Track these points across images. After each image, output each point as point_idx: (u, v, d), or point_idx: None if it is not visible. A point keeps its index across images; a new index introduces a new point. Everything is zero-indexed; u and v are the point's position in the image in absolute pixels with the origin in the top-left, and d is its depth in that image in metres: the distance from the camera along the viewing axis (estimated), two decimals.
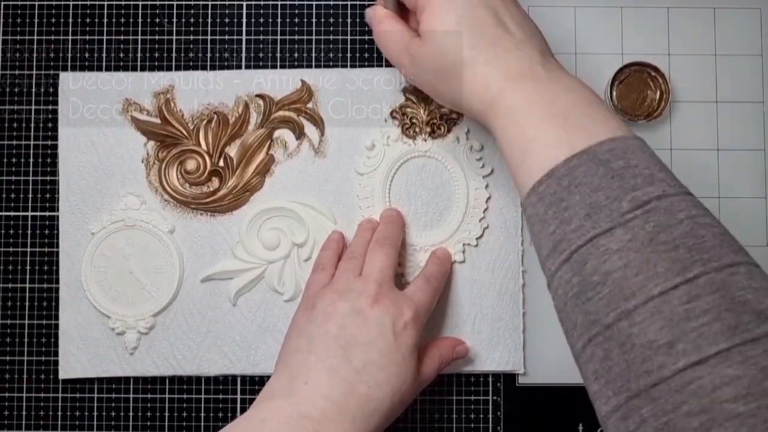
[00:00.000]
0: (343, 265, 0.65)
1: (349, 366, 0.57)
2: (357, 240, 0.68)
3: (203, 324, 0.70)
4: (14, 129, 0.71)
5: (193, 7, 0.72)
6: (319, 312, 0.60)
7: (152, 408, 0.70)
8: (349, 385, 0.56)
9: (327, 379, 0.56)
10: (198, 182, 0.70)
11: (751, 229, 0.71)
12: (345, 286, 0.61)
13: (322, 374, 0.57)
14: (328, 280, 0.64)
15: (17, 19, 0.72)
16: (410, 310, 0.61)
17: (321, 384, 0.56)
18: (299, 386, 0.56)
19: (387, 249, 0.65)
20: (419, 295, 0.63)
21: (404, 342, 0.59)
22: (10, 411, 0.70)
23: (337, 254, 0.67)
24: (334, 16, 0.72)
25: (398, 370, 0.58)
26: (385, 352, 0.58)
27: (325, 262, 0.66)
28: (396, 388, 0.58)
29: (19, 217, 0.71)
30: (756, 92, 0.71)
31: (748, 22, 0.71)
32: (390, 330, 0.59)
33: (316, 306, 0.61)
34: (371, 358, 0.58)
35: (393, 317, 0.59)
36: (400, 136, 0.70)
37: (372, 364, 0.57)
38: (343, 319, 0.59)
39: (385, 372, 0.58)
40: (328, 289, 0.62)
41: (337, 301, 0.60)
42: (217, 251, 0.70)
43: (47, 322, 0.70)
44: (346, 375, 0.57)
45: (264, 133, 0.70)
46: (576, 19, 0.72)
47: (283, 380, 0.58)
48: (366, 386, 0.57)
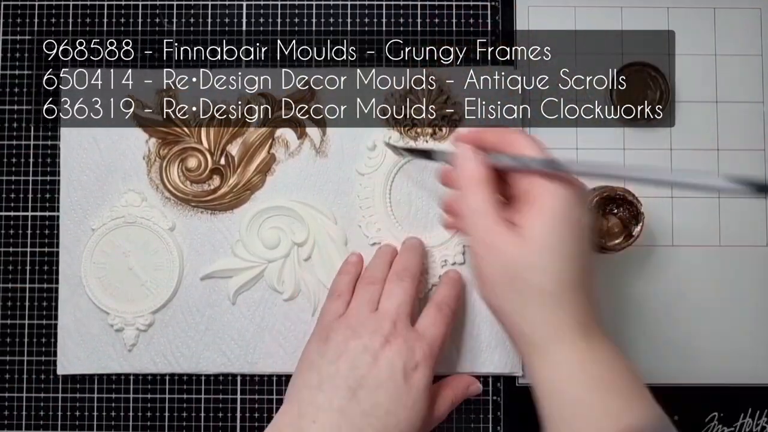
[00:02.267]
0: (359, 293, 0.64)
1: (358, 408, 0.56)
2: (376, 262, 0.67)
3: (202, 322, 0.70)
4: (14, 129, 0.72)
5: (193, 7, 0.72)
6: (332, 347, 0.59)
7: (152, 407, 0.70)
8: (356, 428, 0.56)
9: (335, 419, 0.56)
10: (199, 180, 0.70)
11: (751, 229, 0.71)
12: (359, 321, 0.61)
13: (331, 415, 0.56)
14: (344, 309, 0.63)
15: (17, 19, 0.72)
16: (422, 350, 0.60)
17: (329, 425, 0.56)
18: (307, 425, 0.56)
19: (406, 284, 0.63)
20: (431, 330, 0.62)
21: (415, 384, 0.58)
22: (10, 410, 0.70)
23: (354, 279, 0.66)
24: (334, 16, 0.72)
25: (408, 414, 0.57)
26: (394, 396, 0.57)
27: (342, 288, 0.65)
28: (405, 430, 0.57)
29: (19, 216, 0.71)
30: (756, 92, 0.71)
31: (748, 22, 0.71)
32: (401, 373, 0.58)
33: (329, 340, 0.60)
34: (379, 401, 0.57)
35: (405, 359, 0.58)
36: (402, 136, 0.70)
37: (380, 408, 0.57)
38: (354, 358, 0.58)
39: (393, 416, 0.57)
40: (343, 323, 0.61)
41: (350, 338, 0.59)
42: (217, 249, 0.70)
43: (47, 321, 0.70)
44: (353, 417, 0.56)
45: (265, 132, 0.70)
46: (576, 19, 0.72)
47: (292, 416, 0.57)
48: (373, 429, 0.56)
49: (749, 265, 0.71)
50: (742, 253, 0.71)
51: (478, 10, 0.72)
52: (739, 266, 0.71)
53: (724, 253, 0.71)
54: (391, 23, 0.72)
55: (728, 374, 0.70)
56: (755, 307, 0.70)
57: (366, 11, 0.72)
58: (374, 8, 0.72)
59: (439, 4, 0.72)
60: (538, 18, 0.72)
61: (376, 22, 0.72)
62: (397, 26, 0.72)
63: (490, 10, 0.72)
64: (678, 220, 0.70)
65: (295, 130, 0.70)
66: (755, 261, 0.71)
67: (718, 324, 0.70)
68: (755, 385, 0.70)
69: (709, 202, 0.70)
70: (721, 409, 0.70)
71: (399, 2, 0.72)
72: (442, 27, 0.72)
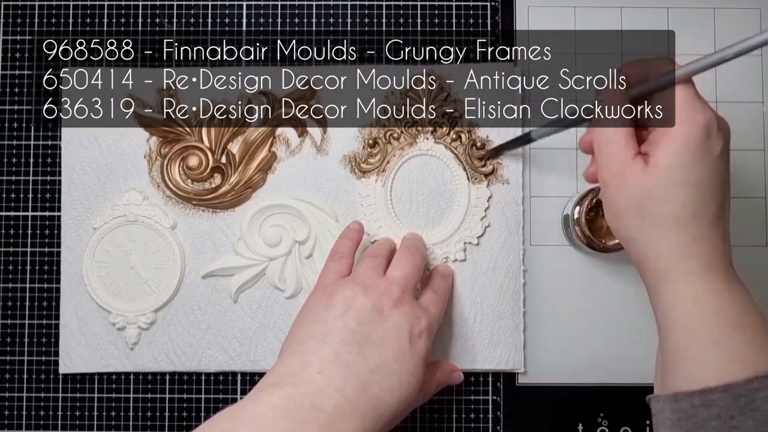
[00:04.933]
0: (365, 260, 0.64)
1: (364, 364, 0.56)
2: (381, 242, 0.68)
3: (204, 320, 0.70)
4: (14, 129, 0.71)
5: (193, 7, 0.72)
6: (338, 302, 0.59)
7: (152, 407, 0.70)
8: (362, 384, 0.55)
9: (342, 372, 0.55)
10: (200, 178, 0.70)
11: (751, 229, 0.71)
12: (368, 281, 0.60)
13: (337, 367, 0.55)
14: (347, 271, 0.63)
15: (17, 19, 0.72)
16: (426, 320, 0.60)
17: (336, 377, 0.54)
18: (312, 375, 0.54)
19: (416, 258, 0.64)
20: (431, 307, 0.63)
21: (417, 351, 0.58)
22: (11, 410, 0.70)
23: (356, 244, 0.66)
24: (334, 16, 0.72)
25: (409, 379, 0.57)
26: (399, 357, 0.57)
27: (343, 250, 0.65)
28: (404, 395, 0.57)
29: (20, 216, 0.71)
30: (756, 92, 0.71)
31: (748, 22, 0.72)
32: (406, 336, 0.58)
33: (334, 295, 0.59)
34: (385, 360, 0.56)
35: (411, 324, 0.59)
36: (402, 134, 0.70)
37: (385, 367, 0.56)
38: (363, 314, 0.58)
39: (396, 377, 0.56)
40: (349, 281, 0.61)
41: (359, 294, 0.59)
42: (218, 247, 0.70)
43: (48, 321, 0.70)
44: (360, 372, 0.55)
45: (266, 130, 0.70)
46: (576, 19, 0.72)
47: (294, 367, 0.55)
48: (378, 387, 0.55)
49: (749, 265, 0.70)
50: (742, 253, 0.70)
51: (478, 10, 0.72)
52: (739, 266, 0.70)
53: None
54: (391, 23, 0.72)
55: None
56: None
57: (366, 11, 0.72)
58: (374, 8, 0.72)
59: (439, 4, 0.72)
60: (538, 18, 0.72)
61: (376, 22, 0.72)
62: (397, 26, 0.72)
63: (490, 10, 0.72)
64: None
65: (295, 129, 0.71)
66: (755, 261, 0.71)
67: None
68: None
69: None
70: None
71: (399, 2, 0.72)
72: (442, 27, 0.72)
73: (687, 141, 0.51)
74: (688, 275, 0.52)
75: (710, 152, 0.51)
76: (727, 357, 0.50)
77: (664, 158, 0.51)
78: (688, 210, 0.51)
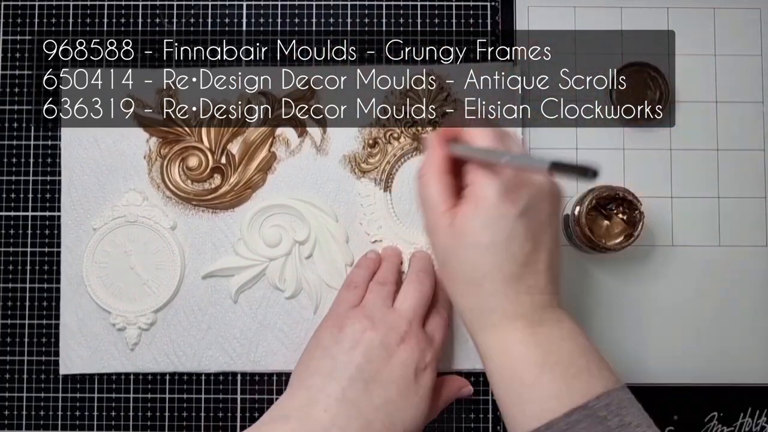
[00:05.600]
0: (374, 289, 0.64)
1: (370, 401, 0.57)
2: (388, 266, 0.68)
3: (204, 320, 0.70)
4: (14, 129, 0.71)
5: (193, 7, 0.72)
6: (347, 336, 0.60)
7: (152, 407, 0.70)
8: (366, 422, 0.56)
9: (347, 411, 0.56)
10: (200, 179, 0.70)
11: (751, 229, 0.71)
12: (376, 314, 0.61)
13: (343, 406, 0.56)
14: (358, 301, 0.64)
15: (17, 19, 0.72)
16: (431, 352, 0.61)
17: (341, 416, 0.56)
18: (318, 413, 0.56)
19: (424, 286, 0.64)
20: (438, 334, 0.63)
21: (423, 384, 0.59)
22: (11, 410, 0.70)
23: (371, 275, 0.67)
24: (334, 16, 0.72)
25: (414, 413, 0.59)
26: (404, 393, 0.58)
27: (358, 281, 0.66)
28: (408, 428, 0.58)
29: (20, 216, 0.71)
30: (756, 92, 0.71)
31: (748, 22, 0.72)
32: (412, 372, 0.59)
33: (344, 328, 0.60)
34: (391, 397, 0.58)
35: (416, 360, 0.59)
36: (402, 134, 0.70)
37: (391, 404, 0.58)
38: (370, 351, 0.59)
39: (401, 412, 0.58)
40: (359, 313, 0.61)
41: (368, 329, 0.60)
42: (218, 248, 0.70)
43: (48, 321, 0.70)
44: (365, 410, 0.57)
45: (266, 130, 0.70)
46: (576, 19, 0.72)
47: (301, 401, 0.58)
48: (382, 425, 0.57)
49: (749, 265, 0.71)
50: (742, 253, 0.71)
51: (478, 10, 0.72)
52: (739, 266, 0.71)
53: (723, 253, 0.71)
54: (391, 23, 0.72)
55: (728, 374, 0.70)
56: (755, 307, 0.70)
57: (366, 11, 0.72)
58: (374, 8, 0.72)
59: (439, 4, 0.72)
60: (538, 18, 0.72)
61: (376, 22, 0.72)
62: (397, 26, 0.72)
63: (490, 10, 0.72)
64: (678, 220, 0.71)
65: (295, 129, 0.71)
66: (755, 261, 0.71)
67: (718, 324, 0.70)
68: (755, 384, 0.70)
69: (709, 202, 0.71)
70: (720, 408, 0.70)
71: (399, 2, 0.72)
72: (442, 27, 0.72)
73: (478, 204, 0.53)
74: (491, 327, 0.55)
75: (506, 215, 0.53)
76: (541, 397, 0.52)
77: (462, 219, 0.54)
78: (480, 271, 0.54)
